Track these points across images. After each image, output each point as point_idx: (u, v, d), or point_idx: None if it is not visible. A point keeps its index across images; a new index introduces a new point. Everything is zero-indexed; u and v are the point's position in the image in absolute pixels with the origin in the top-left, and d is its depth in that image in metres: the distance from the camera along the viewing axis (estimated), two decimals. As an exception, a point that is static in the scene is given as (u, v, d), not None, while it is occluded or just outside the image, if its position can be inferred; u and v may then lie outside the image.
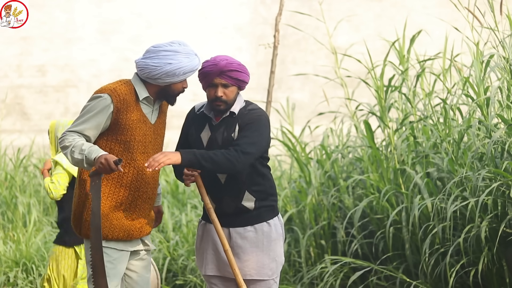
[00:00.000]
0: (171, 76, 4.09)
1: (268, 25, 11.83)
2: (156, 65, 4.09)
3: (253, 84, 12.28)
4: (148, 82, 4.15)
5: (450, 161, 5.75)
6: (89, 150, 4.00)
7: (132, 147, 4.14)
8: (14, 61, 11.78)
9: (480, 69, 5.75)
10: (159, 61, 4.09)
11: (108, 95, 4.09)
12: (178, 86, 4.18)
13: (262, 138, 4.05)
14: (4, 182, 8.58)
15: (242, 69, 4.14)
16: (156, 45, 4.14)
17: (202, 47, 11.99)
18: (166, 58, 4.09)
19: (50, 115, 11.72)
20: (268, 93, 6.00)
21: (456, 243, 5.48)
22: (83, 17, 11.77)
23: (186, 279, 6.79)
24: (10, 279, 6.95)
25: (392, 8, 12.03)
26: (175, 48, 4.11)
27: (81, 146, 4.01)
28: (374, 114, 6.37)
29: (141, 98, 4.16)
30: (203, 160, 3.97)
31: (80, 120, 4.11)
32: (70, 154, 4.04)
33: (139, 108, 4.17)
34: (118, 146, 4.13)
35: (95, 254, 4.04)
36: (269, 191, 4.13)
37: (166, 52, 4.09)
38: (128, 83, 4.17)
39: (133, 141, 4.14)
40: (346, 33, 11.35)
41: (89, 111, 4.10)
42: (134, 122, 4.14)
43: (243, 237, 4.10)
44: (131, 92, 4.15)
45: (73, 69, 11.65)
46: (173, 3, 11.95)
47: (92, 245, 4.06)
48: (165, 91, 4.17)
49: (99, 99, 4.10)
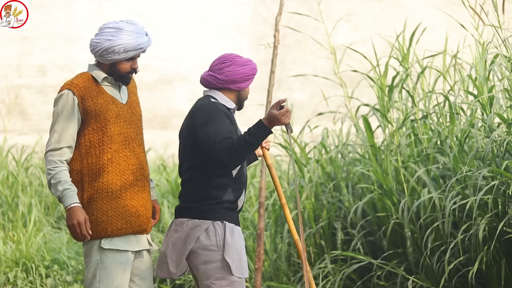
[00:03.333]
0: (111, 53, 4.12)
1: (268, 25, 11.83)
2: (97, 41, 4.15)
3: (253, 84, 12.26)
4: (100, 63, 4.20)
5: (455, 158, 5.75)
6: (62, 194, 4.04)
7: (106, 130, 4.13)
8: (14, 61, 11.77)
9: (484, 68, 5.75)
10: (101, 37, 4.14)
11: (67, 90, 4.13)
12: (125, 66, 4.19)
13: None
14: (6, 181, 8.58)
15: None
16: (105, 23, 4.21)
17: (202, 47, 11.99)
18: (107, 35, 4.13)
19: (50, 115, 11.71)
20: (268, 93, 5.99)
21: (456, 241, 5.48)
22: (83, 17, 11.76)
23: (186, 279, 6.78)
24: (10, 279, 6.95)
25: (392, 8, 12.02)
26: (119, 25, 4.15)
27: (57, 186, 4.05)
28: (378, 111, 6.37)
29: (100, 80, 4.19)
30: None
31: (55, 127, 4.11)
32: (50, 184, 4.09)
33: (103, 90, 4.18)
34: (96, 135, 4.13)
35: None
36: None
37: (109, 29, 4.14)
38: (83, 73, 4.21)
39: (108, 124, 4.14)
40: (346, 33, 11.34)
41: (59, 113, 4.12)
42: (103, 105, 4.15)
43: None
44: (88, 79, 4.17)
45: (73, 69, 11.64)
46: (173, 3, 11.95)
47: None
48: (112, 70, 4.19)
49: (62, 97, 4.12)
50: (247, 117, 11.89)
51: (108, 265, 4.12)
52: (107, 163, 4.13)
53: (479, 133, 5.64)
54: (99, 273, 4.12)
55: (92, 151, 4.13)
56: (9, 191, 8.43)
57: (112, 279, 4.12)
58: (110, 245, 4.13)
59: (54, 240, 7.50)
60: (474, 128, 5.65)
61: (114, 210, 4.14)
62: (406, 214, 5.92)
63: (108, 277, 4.11)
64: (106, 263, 4.12)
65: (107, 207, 4.13)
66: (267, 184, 7.45)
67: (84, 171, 4.13)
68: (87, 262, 4.17)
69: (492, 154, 5.53)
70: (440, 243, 5.75)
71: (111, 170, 4.14)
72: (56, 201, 8.51)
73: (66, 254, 7.24)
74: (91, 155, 4.13)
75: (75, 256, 7.31)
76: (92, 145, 4.12)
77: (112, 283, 4.12)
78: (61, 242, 7.47)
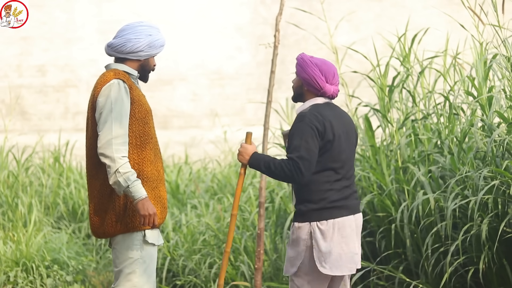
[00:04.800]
0: (152, 47, 4.24)
1: (268, 25, 11.83)
2: (138, 37, 4.21)
3: (253, 84, 12.28)
4: (128, 59, 4.24)
5: (452, 159, 5.76)
6: (134, 184, 4.05)
7: (148, 121, 4.20)
8: (14, 61, 11.77)
9: (483, 68, 5.75)
10: (140, 33, 4.22)
11: (117, 80, 4.14)
12: (152, 61, 4.33)
13: (304, 141, 4.13)
14: (7, 181, 8.58)
15: (301, 63, 4.32)
16: (128, 24, 4.29)
17: (202, 47, 11.99)
18: (145, 31, 4.24)
19: (50, 115, 11.72)
20: (268, 93, 5.99)
21: (457, 242, 5.48)
22: (83, 17, 11.76)
23: (186, 279, 6.79)
24: (10, 279, 6.95)
25: (392, 8, 12.02)
26: (147, 23, 4.30)
27: (129, 175, 4.05)
28: (378, 111, 6.37)
29: (135, 75, 4.26)
30: (264, 168, 4.20)
31: (114, 115, 4.07)
32: (117, 177, 4.05)
33: (135, 84, 4.26)
34: (137, 124, 4.15)
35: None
36: (306, 197, 4.20)
37: (142, 27, 4.25)
38: (114, 70, 4.22)
39: (147, 114, 4.20)
40: (346, 33, 11.34)
41: (114, 102, 4.09)
42: (140, 97, 4.22)
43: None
44: (123, 74, 4.21)
45: (73, 69, 11.64)
46: (173, 3, 11.95)
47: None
48: (143, 66, 4.29)
49: (113, 86, 4.11)
50: (247, 117, 11.90)
51: (147, 259, 4.15)
52: (149, 153, 4.16)
53: (479, 133, 5.63)
54: (139, 268, 4.13)
55: (134, 141, 4.15)
56: (9, 191, 8.43)
57: (149, 273, 4.15)
58: (153, 240, 4.15)
59: (54, 240, 7.50)
60: (473, 128, 5.65)
61: (154, 200, 4.16)
62: (406, 215, 5.92)
63: (145, 272, 4.13)
64: (146, 257, 4.14)
65: (150, 197, 4.15)
66: (267, 184, 7.45)
67: (130, 161, 4.15)
68: (123, 254, 4.14)
69: (492, 154, 5.53)
70: (439, 244, 5.75)
71: (151, 160, 4.18)
72: (56, 201, 8.51)
73: (66, 254, 7.24)
74: (136, 145, 4.15)
75: (75, 256, 7.31)
76: (137, 136, 4.15)
77: (149, 277, 4.14)
78: (61, 242, 7.47)
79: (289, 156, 4.13)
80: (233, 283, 6.47)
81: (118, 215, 4.13)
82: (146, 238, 4.14)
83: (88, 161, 4.22)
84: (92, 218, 4.21)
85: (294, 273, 4.22)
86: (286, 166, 4.11)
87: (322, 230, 4.17)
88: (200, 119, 11.64)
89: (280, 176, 4.14)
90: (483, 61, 5.80)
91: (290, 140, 4.18)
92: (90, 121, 4.19)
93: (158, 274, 6.98)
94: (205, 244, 6.89)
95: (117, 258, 4.16)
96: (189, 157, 10.28)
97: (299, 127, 4.16)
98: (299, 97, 4.35)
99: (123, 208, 4.13)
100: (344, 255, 4.20)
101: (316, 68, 4.26)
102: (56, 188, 8.66)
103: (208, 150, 11.19)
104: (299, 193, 4.24)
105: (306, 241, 4.19)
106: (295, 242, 4.22)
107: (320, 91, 4.26)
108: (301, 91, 4.33)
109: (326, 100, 4.29)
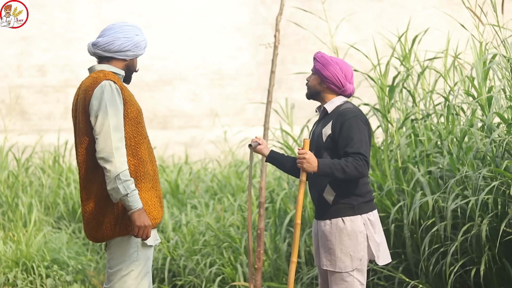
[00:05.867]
0: (138, 48, 4.22)
1: (268, 25, 11.83)
2: (126, 36, 4.19)
3: (253, 84, 12.29)
4: (114, 59, 4.21)
5: (451, 160, 5.76)
6: (132, 194, 4.00)
7: (140, 120, 4.17)
8: (14, 61, 11.78)
9: (482, 68, 5.75)
10: (128, 32, 4.20)
11: (108, 81, 4.09)
12: (136, 62, 4.32)
13: (363, 135, 4.19)
14: (7, 181, 8.59)
15: (322, 61, 4.28)
16: (113, 23, 4.26)
17: (202, 47, 12.00)
18: (132, 31, 4.22)
19: (50, 115, 11.72)
20: (268, 93, 5.99)
21: (456, 243, 5.48)
22: (83, 17, 11.77)
23: (186, 279, 6.79)
24: (10, 279, 6.95)
25: (392, 8, 12.03)
26: (132, 24, 4.28)
27: (129, 184, 4.00)
28: (379, 111, 6.37)
29: (122, 76, 4.23)
30: (336, 171, 4.14)
31: (110, 118, 4.02)
32: (117, 183, 3.99)
33: (124, 84, 4.25)
34: (130, 124, 4.10)
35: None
36: (353, 190, 4.23)
37: (129, 27, 4.23)
38: (102, 71, 4.18)
39: (139, 114, 4.16)
40: (346, 33, 11.35)
41: (109, 105, 4.04)
42: (131, 97, 4.19)
43: (321, 230, 4.29)
44: (112, 75, 4.17)
45: (73, 69, 11.65)
46: (173, 3, 11.95)
47: None
48: (129, 67, 4.26)
49: (105, 88, 4.06)
50: (247, 117, 11.91)
51: (143, 260, 4.13)
52: (144, 152, 4.13)
53: (478, 133, 5.64)
54: (135, 270, 4.10)
55: (128, 142, 4.09)
56: (10, 191, 8.44)
57: (144, 273, 4.14)
58: (150, 241, 4.12)
59: (54, 240, 7.50)
60: (473, 128, 5.65)
61: (156, 199, 4.15)
62: (405, 215, 5.92)
63: (140, 273, 4.11)
64: (142, 259, 4.12)
65: (150, 195, 4.13)
66: (267, 184, 7.45)
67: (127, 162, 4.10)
68: (120, 256, 4.11)
69: (492, 154, 5.53)
70: (439, 244, 5.75)
71: (146, 159, 4.14)
72: (56, 201, 8.52)
73: (66, 254, 7.24)
74: (131, 146, 4.10)
75: (75, 256, 7.31)
76: (131, 136, 4.11)
77: (144, 277, 4.13)
78: (61, 242, 7.47)
79: (353, 152, 4.15)
80: (233, 283, 6.47)
81: (117, 218, 4.08)
82: (144, 240, 4.12)
83: (83, 165, 4.12)
84: (90, 222, 4.13)
85: (355, 268, 4.23)
86: (357, 163, 4.13)
87: (372, 222, 4.26)
88: (200, 119, 11.64)
89: (353, 175, 4.15)
90: (483, 61, 5.80)
91: (347, 135, 4.17)
92: (83, 125, 4.09)
93: (158, 274, 6.98)
94: (205, 244, 6.89)
95: (113, 260, 4.13)
96: (189, 157, 10.29)
97: (355, 123, 4.19)
98: (316, 95, 4.34)
99: (122, 211, 4.08)
100: (385, 244, 4.34)
101: (337, 66, 4.26)
102: (56, 188, 8.66)
103: (208, 150, 11.19)
104: (343, 188, 4.24)
105: (363, 233, 4.23)
106: (352, 235, 4.22)
107: (340, 89, 4.28)
108: (320, 88, 4.31)
109: (346, 98, 4.34)
